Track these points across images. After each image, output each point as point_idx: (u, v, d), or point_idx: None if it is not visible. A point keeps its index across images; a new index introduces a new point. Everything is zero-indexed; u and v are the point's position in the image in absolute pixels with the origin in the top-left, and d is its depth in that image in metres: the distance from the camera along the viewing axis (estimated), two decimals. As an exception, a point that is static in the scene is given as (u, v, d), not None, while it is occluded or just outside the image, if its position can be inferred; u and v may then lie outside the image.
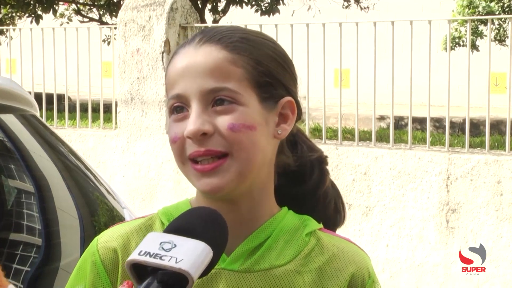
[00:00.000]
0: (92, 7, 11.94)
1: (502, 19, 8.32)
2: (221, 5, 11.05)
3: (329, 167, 1.49)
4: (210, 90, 1.26)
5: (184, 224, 1.15)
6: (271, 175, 1.33)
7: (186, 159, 1.27)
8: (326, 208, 1.41)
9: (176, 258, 1.09)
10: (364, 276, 1.32)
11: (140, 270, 1.11)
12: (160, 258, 1.09)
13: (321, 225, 1.36)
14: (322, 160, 1.43)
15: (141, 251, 1.10)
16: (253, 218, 1.31)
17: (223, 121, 1.25)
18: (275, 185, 1.36)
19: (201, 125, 1.24)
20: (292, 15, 11.74)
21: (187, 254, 1.10)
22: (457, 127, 10.49)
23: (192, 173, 1.26)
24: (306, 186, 1.40)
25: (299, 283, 1.29)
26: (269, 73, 1.30)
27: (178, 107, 1.28)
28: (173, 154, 1.30)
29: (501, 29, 8.65)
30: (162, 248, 1.10)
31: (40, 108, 6.85)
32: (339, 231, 1.43)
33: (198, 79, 1.26)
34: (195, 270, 1.09)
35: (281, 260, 1.30)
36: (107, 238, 1.35)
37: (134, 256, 1.10)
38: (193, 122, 1.24)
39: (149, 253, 1.10)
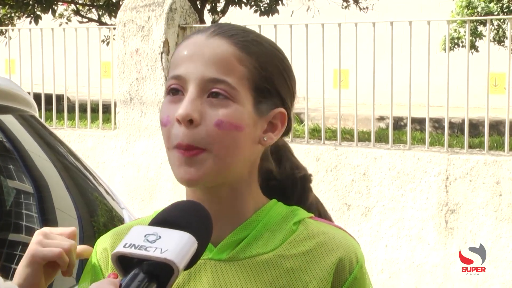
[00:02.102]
0: (91, 7, 11.94)
1: (501, 20, 8.32)
2: (220, 6, 11.05)
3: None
4: (209, 79, 1.29)
5: (167, 217, 1.17)
6: (253, 176, 1.36)
7: (172, 145, 1.30)
8: None
9: (161, 249, 1.10)
10: (352, 260, 1.33)
11: (126, 263, 1.12)
12: (145, 249, 1.10)
13: (311, 214, 1.39)
14: (306, 179, 1.45)
15: (126, 244, 1.12)
16: (237, 213, 1.34)
17: (212, 116, 1.28)
18: None
19: (191, 111, 1.27)
20: (291, 16, 11.74)
21: (172, 244, 1.11)
22: (456, 128, 10.49)
23: (175, 158, 1.29)
24: (288, 203, 1.41)
25: (284, 267, 1.32)
26: (270, 80, 1.33)
27: (174, 89, 1.31)
28: (162, 136, 1.34)
29: (500, 30, 8.65)
30: (147, 240, 1.11)
31: (39, 109, 6.84)
32: None
33: (201, 66, 1.29)
34: (180, 260, 1.10)
35: (266, 248, 1.33)
36: (102, 240, 1.40)
37: (119, 248, 1.12)
38: (185, 106, 1.28)
39: (134, 245, 1.11)
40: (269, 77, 1.33)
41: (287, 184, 1.42)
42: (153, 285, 1.10)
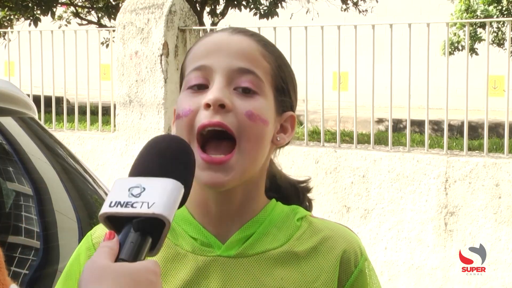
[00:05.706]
0: (90, 9, 11.94)
1: (501, 22, 8.33)
2: (219, 8, 11.06)
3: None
4: (237, 69, 1.29)
5: (146, 164, 1.12)
6: (263, 176, 1.37)
7: (193, 137, 1.27)
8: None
9: (148, 203, 1.05)
10: (356, 252, 1.36)
11: (115, 221, 1.07)
12: (132, 205, 1.05)
13: (310, 213, 1.41)
14: (307, 189, 1.47)
15: (111, 202, 1.06)
16: (246, 211, 1.34)
17: (243, 105, 1.27)
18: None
19: (223, 96, 1.26)
20: (290, 18, 11.74)
21: (158, 195, 1.06)
22: (456, 130, 10.49)
23: (198, 161, 1.25)
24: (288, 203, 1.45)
25: (293, 262, 1.33)
26: (285, 81, 1.35)
27: (197, 85, 1.29)
28: (178, 130, 1.30)
29: (500, 32, 8.66)
30: (132, 194, 1.06)
31: (39, 111, 6.84)
32: None
33: (228, 57, 1.29)
34: (169, 211, 1.05)
35: (274, 244, 1.34)
36: (101, 233, 1.37)
37: (105, 209, 1.06)
38: (215, 92, 1.26)
39: (119, 202, 1.05)
40: (285, 79, 1.35)
41: (291, 192, 1.43)
42: (148, 240, 1.05)
